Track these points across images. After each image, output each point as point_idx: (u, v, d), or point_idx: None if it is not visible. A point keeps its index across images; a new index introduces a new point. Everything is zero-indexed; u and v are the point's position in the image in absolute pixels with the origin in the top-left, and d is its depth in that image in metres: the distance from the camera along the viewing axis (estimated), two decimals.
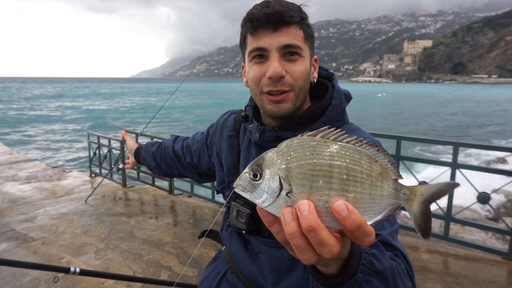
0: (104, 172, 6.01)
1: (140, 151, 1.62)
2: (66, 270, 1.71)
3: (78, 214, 4.36)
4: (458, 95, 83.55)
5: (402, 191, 0.53)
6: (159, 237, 3.69)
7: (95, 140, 6.08)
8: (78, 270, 1.74)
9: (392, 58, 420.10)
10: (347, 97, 1.06)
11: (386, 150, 0.53)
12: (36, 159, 8.09)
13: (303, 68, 0.94)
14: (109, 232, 3.81)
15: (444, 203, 3.45)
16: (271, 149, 0.52)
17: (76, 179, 6.06)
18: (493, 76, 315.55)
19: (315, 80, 1.04)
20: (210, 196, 4.84)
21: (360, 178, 0.50)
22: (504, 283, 2.76)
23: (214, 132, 1.30)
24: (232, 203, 1.08)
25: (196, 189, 5.01)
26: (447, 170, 3.35)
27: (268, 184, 0.50)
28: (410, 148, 16.04)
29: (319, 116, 0.99)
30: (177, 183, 5.29)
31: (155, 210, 4.55)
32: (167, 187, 5.28)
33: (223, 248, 1.27)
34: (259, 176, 0.51)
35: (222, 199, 1.20)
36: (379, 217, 0.52)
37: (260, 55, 0.94)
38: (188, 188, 5.08)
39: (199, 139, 1.38)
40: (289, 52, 0.93)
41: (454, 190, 3.30)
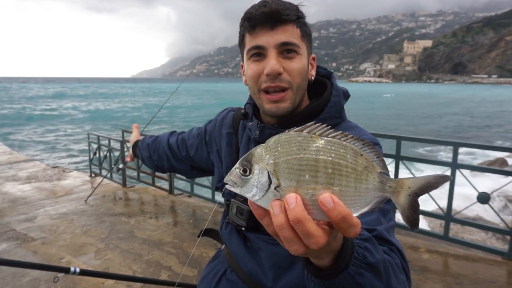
0: (104, 172, 6.02)
1: (137, 144, 1.62)
2: (66, 270, 1.71)
3: (78, 214, 4.37)
4: (462, 95, 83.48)
5: (387, 183, 0.53)
6: (159, 237, 3.69)
7: (95, 140, 6.09)
8: (78, 270, 1.74)
9: (392, 58, 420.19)
10: (346, 94, 1.07)
11: (372, 144, 0.54)
12: (36, 159, 8.10)
13: (300, 65, 0.95)
14: (109, 232, 3.81)
15: (444, 203, 3.45)
16: (260, 145, 0.54)
17: (76, 179, 6.06)
18: (493, 76, 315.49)
19: (312, 78, 1.05)
20: (210, 196, 4.84)
21: (346, 172, 0.51)
22: (504, 283, 2.76)
23: (212, 129, 1.30)
24: (232, 200, 1.09)
25: (196, 189, 5.01)
26: (447, 170, 3.35)
27: (257, 178, 0.52)
28: (416, 149, 15.98)
29: (318, 113, 1.00)
30: (177, 183, 5.29)
31: (155, 210, 4.56)
32: (167, 187, 5.28)
33: (223, 247, 1.27)
34: (248, 171, 0.52)
35: (222, 198, 1.20)
36: (365, 209, 0.53)
37: (258, 53, 0.95)
38: (188, 188, 5.08)
39: (195, 134, 1.38)
40: (286, 50, 0.94)
41: (454, 190, 3.31)
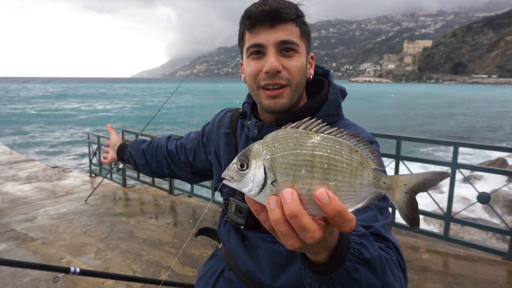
0: (104, 172, 6.01)
1: (125, 148, 1.55)
2: (66, 270, 1.71)
3: (78, 214, 4.36)
4: (465, 95, 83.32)
5: (382, 180, 0.54)
6: (159, 237, 3.69)
7: (95, 140, 6.08)
8: (78, 270, 1.74)
9: (392, 58, 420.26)
10: (343, 93, 1.09)
11: (366, 141, 0.54)
12: (36, 159, 8.10)
13: (299, 63, 0.96)
14: (109, 232, 3.81)
15: (444, 203, 3.45)
16: (258, 141, 0.55)
17: (76, 179, 6.06)
18: (493, 76, 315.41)
19: (311, 76, 1.07)
20: (210, 196, 4.84)
21: (341, 168, 0.52)
22: (504, 283, 2.76)
23: (210, 130, 1.31)
24: (231, 199, 1.09)
25: (196, 189, 5.01)
26: (447, 170, 3.35)
27: (254, 173, 0.52)
28: (420, 149, 15.92)
29: (316, 111, 1.01)
30: (177, 183, 5.29)
31: (155, 210, 4.56)
32: (167, 187, 5.28)
33: (220, 245, 1.27)
34: (245, 166, 0.53)
35: (221, 199, 1.20)
36: (360, 205, 0.53)
37: (258, 51, 0.97)
38: (188, 188, 5.08)
39: (194, 138, 1.38)
40: (285, 48, 0.95)
41: (454, 190, 3.31)
